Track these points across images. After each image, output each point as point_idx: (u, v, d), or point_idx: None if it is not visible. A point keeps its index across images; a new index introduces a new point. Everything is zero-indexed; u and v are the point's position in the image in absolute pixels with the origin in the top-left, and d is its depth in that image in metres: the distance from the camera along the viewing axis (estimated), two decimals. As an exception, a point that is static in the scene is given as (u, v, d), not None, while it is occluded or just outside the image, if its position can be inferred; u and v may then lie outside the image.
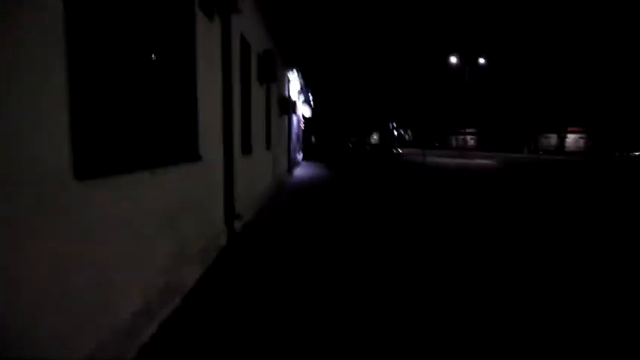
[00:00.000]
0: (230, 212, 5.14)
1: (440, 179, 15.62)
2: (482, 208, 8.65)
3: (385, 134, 62.53)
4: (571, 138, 60.18)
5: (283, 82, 13.03)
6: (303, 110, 25.67)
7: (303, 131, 29.77)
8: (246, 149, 6.70)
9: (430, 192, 11.39)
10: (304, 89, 22.30)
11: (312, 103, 27.60)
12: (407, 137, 69.35)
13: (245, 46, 6.63)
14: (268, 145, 9.62)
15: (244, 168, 6.46)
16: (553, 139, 61.68)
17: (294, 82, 16.50)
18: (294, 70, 15.64)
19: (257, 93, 7.81)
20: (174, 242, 3.42)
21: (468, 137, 67.84)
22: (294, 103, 14.77)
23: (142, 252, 2.80)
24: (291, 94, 15.19)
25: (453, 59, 38.40)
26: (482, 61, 39.57)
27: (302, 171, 18.26)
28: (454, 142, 69.14)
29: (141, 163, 2.76)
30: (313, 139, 41.63)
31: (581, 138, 60.12)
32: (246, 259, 4.64)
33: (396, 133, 66.47)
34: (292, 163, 16.32)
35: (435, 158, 32.01)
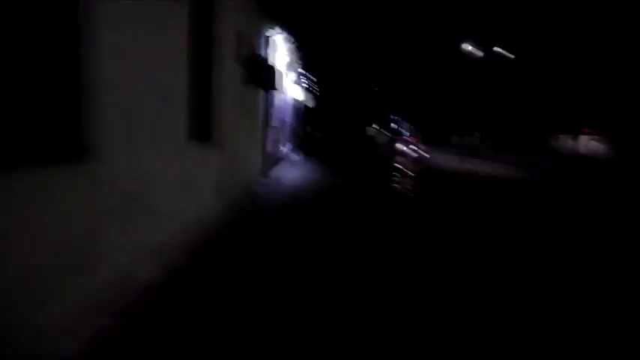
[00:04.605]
0: None
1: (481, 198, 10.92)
2: None
3: (384, 127, 57.31)
4: (586, 140, 55.59)
5: (253, 33, 8.25)
6: (294, 91, 20.87)
7: (297, 119, 24.92)
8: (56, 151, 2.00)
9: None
10: (296, 64, 17.50)
11: (306, 83, 22.84)
12: (407, 133, 64.44)
13: None
14: (204, 133, 4.91)
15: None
16: (565, 140, 57.01)
17: (278, 46, 11.73)
18: (277, 28, 10.88)
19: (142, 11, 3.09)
20: None
21: (474, 136, 63.12)
22: (272, 71, 10.02)
23: None
24: (270, 58, 10.41)
25: (463, 48, 33.18)
26: (492, 53, 34.32)
27: (288, 171, 13.50)
28: (456, 141, 64.74)
29: None
30: (308, 128, 36.82)
31: (595, 140, 55.61)
32: None
33: (395, 126, 61.44)
34: (270, 161, 11.59)
35: (439, 160, 26.68)
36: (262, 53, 9.37)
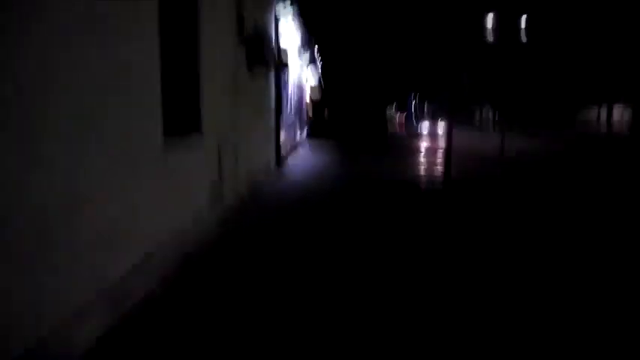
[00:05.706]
0: None
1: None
2: None
3: (403, 106, 55.07)
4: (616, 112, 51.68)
5: (258, 7, 7.18)
6: (308, 75, 19.75)
7: (313, 103, 23.74)
8: None
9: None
10: (307, 44, 16.32)
11: (319, 65, 21.62)
12: (424, 110, 62.21)
13: None
14: (188, 123, 3.95)
15: None
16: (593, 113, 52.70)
17: (287, 24, 10.64)
18: (287, 2, 9.76)
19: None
20: None
21: (488, 110, 59.82)
22: (284, 52, 9.04)
23: None
24: (280, 38, 9.34)
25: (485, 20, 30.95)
26: (514, 23, 31.79)
27: (304, 158, 12.50)
28: (477, 116, 61.52)
29: None
30: (325, 111, 35.57)
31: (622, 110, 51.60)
32: None
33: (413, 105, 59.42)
34: (283, 150, 10.59)
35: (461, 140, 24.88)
36: (269, 29, 8.31)
